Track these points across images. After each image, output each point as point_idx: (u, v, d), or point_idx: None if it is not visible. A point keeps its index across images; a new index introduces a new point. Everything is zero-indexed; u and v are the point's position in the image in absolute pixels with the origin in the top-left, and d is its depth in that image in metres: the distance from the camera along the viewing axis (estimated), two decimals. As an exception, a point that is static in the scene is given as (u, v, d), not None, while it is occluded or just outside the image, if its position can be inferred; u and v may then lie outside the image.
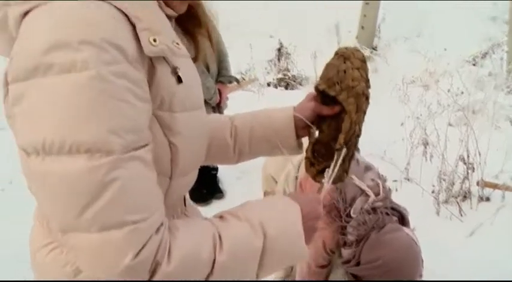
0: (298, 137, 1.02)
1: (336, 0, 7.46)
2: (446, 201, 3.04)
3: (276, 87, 6.23)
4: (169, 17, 0.74)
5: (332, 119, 0.96)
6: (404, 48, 6.96)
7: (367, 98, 0.93)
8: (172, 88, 0.68)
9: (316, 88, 0.96)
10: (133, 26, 0.62)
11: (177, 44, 0.69)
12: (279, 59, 6.79)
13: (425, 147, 3.40)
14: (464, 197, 3.07)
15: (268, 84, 6.27)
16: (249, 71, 6.46)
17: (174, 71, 0.68)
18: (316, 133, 1.00)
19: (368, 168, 1.89)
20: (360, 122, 0.92)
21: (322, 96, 0.97)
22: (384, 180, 1.88)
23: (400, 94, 5.18)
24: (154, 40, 0.63)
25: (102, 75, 0.56)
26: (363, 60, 0.94)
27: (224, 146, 1.01)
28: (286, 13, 8.17)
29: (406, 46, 7.03)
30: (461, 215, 2.90)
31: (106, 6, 0.60)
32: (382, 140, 3.73)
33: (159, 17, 0.69)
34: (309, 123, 0.98)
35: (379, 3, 7.03)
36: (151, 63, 0.65)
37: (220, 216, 0.74)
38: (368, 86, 0.93)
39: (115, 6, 0.61)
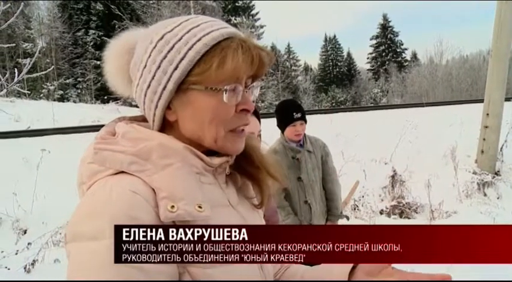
0: None
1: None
2: None
3: (389, 216, 6.15)
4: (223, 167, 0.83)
5: None
6: (533, 173, 6.44)
7: None
8: None
9: None
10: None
11: (200, 207, 0.72)
12: (393, 186, 6.77)
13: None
14: None
15: (381, 212, 6.23)
16: (362, 198, 6.53)
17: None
18: None
19: None
20: None
21: None
22: None
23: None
24: (173, 207, 0.69)
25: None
26: None
27: None
28: (403, 139, 8.30)
29: (534, 170, 6.52)
30: None
31: (136, 181, 0.71)
32: None
33: (186, 183, 0.74)
34: None
35: (499, 126, 6.80)
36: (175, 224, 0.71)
37: None
38: None
39: (142, 179, 0.72)
